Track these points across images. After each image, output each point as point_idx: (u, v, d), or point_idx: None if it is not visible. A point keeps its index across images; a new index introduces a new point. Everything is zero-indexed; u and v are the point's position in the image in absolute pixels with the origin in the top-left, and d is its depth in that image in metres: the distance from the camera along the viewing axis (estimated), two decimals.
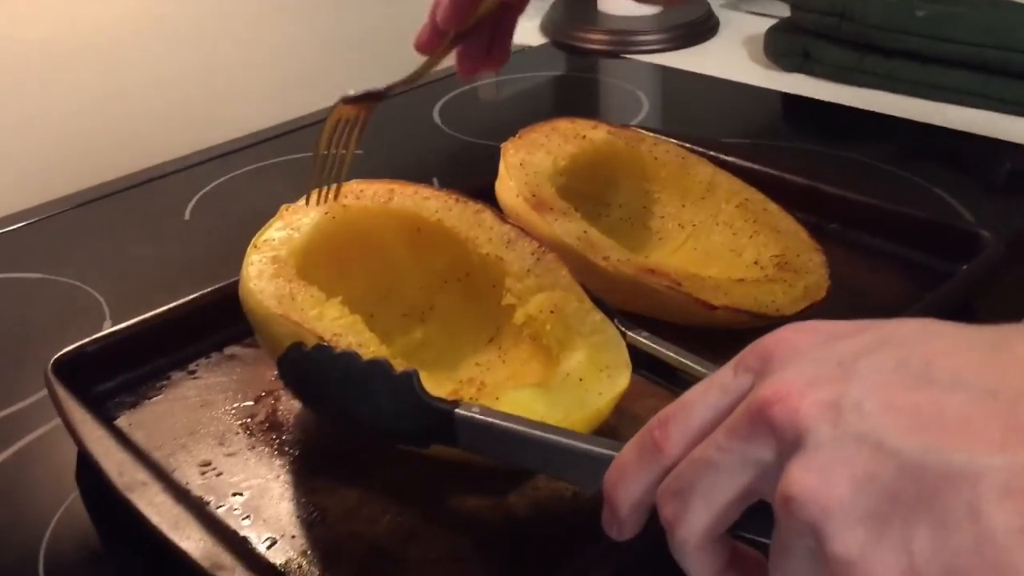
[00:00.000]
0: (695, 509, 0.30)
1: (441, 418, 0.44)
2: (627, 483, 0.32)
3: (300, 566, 0.45)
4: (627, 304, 0.58)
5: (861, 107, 0.96)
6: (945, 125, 0.91)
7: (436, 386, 0.47)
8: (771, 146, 0.90)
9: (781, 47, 1.07)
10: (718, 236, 0.66)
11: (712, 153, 0.74)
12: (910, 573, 0.25)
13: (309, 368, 0.47)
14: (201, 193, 0.86)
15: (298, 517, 0.48)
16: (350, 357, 0.46)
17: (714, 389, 0.31)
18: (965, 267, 0.63)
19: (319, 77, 1.10)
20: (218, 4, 1.00)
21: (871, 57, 1.00)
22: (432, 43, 0.55)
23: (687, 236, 0.67)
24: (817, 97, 1.00)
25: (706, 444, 0.30)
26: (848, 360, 0.28)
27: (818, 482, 0.26)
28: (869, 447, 0.26)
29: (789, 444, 0.27)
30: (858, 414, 0.27)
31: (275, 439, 0.53)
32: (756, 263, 0.62)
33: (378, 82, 0.57)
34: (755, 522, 0.30)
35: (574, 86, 1.09)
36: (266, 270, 0.53)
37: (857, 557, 0.25)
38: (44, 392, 0.55)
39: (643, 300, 0.58)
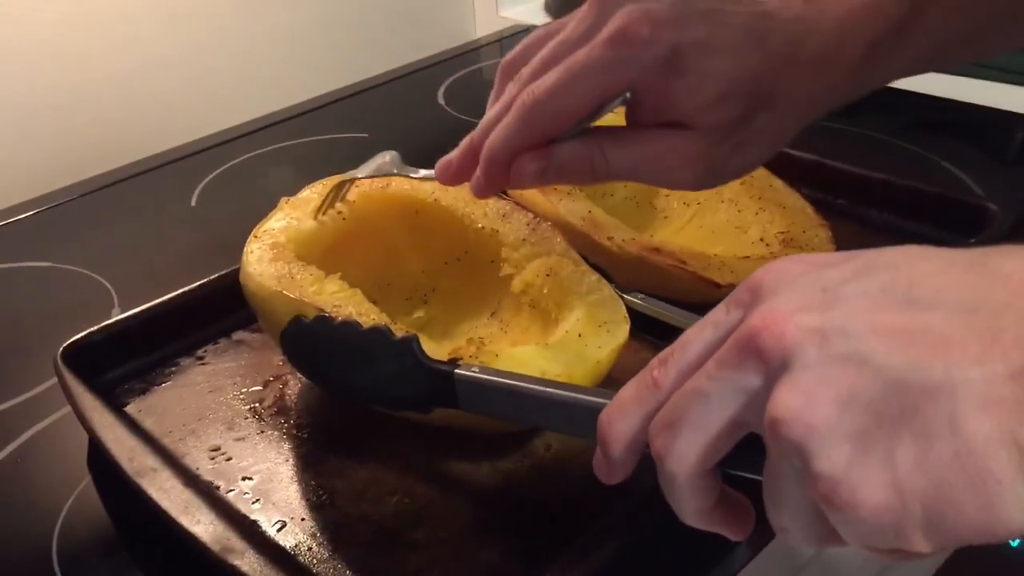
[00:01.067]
0: (685, 439, 0.30)
1: (441, 379, 0.44)
2: (621, 419, 0.33)
3: (310, 548, 0.46)
4: (633, 283, 0.58)
5: None
6: (955, 97, 0.90)
7: (435, 346, 0.47)
8: None
9: None
10: (723, 214, 0.65)
11: None
12: (894, 486, 0.25)
13: (311, 340, 0.47)
14: (208, 179, 0.86)
15: (307, 500, 0.48)
16: (350, 326, 0.46)
17: (708, 326, 0.31)
18: (972, 241, 0.62)
19: (322, 61, 1.10)
20: None
21: None
22: (453, 184, 0.50)
23: (692, 214, 0.67)
24: None
25: (697, 375, 0.30)
26: (833, 286, 0.29)
27: (803, 402, 0.27)
28: (853, 367, 0.26)
29: (776, 369, 0.28)
30: (843, 336, 0.27)
31: (283, 423, 0.54)
32: (762, 240, 0.62)
33: (378, 67, 0.56)
34: (748, 458, 0.30)
35: None
36: (265, 255, 0.53)
37: (842, 473, 0.26)
38: (55, 380, 0.55)
39: (648, 279, 0.58)
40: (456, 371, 0.44)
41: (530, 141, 0.45)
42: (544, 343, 0.49)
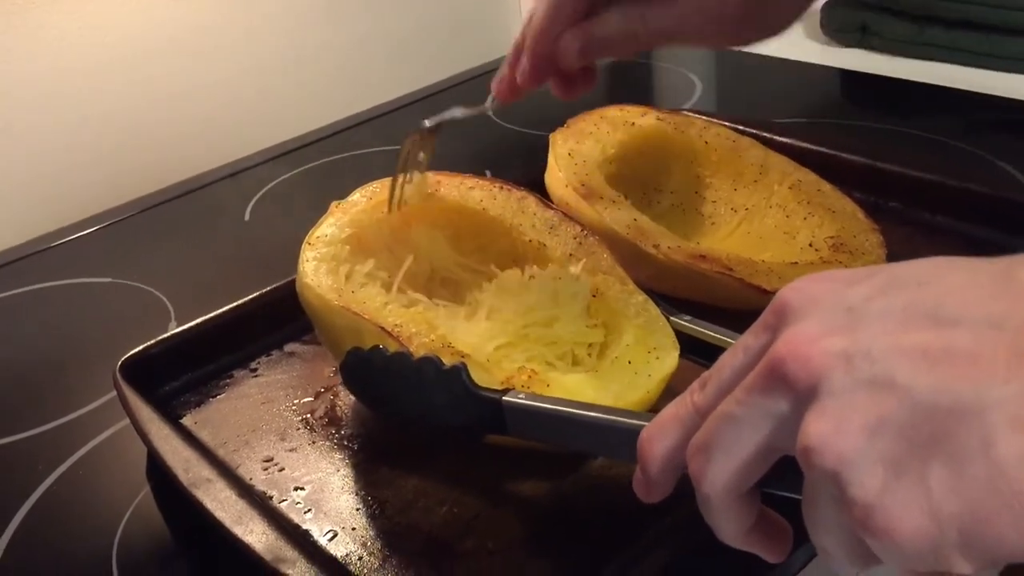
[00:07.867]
0: (717, 463, 0.30)
1: (490, 407, 0.45)
2: (660, 439, 0.33)
3: (360, 558, 0.46)
4: (679, 291, 0.58)
5: (921, 80, 0.94)
6: (1009, 96, 0.88)
7: (487, 376, 0.48)
8: (829, 124, 0.88)
9: (838, 22, 1.04)
10: (771, 219, 0.65)
11: (765, 135, 0.73)
12: (929, 511, 0.25)
13: (366, 370, 0.49)
14: (260, 194, 0.87)
15: (358, 510, 0.49)
16: (402, 356, 0.47)
17: (739, 350, 0.32)
18: None
19: (371, 74, 1.11)
20: (269, 9, 1.01)
21: (931, 28, 0.97)
22: (512, 95, 0.53)
23: (740, 220, 0.66)
24: (875, 72, 0.98)
25: (727, 400, 0.30)
26: (858, 305, 0.28)
27: (833, 429, 0.26)
28: (880, 391, 0.26)
29: (804, 395, 0.28)
30: (868, 359, 0.27)
31: (334, 433, 0.54)
32: (811, 245, 0.61)
33: (423, 80, 0.57)
34: (787, 478, 0.30)
35: (627, 71, 1.08)
36: (322, 266, 0.54)
37: (876, 500, 0.26)
38: (114, 393, 0.57)
39: (696, 287, 0.58)
40: (504, 399, 0.45)
41: (571, 13, 0.48)
42: (593, 369, 0.49)
